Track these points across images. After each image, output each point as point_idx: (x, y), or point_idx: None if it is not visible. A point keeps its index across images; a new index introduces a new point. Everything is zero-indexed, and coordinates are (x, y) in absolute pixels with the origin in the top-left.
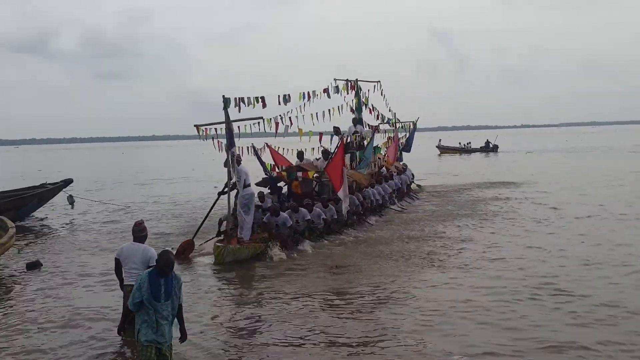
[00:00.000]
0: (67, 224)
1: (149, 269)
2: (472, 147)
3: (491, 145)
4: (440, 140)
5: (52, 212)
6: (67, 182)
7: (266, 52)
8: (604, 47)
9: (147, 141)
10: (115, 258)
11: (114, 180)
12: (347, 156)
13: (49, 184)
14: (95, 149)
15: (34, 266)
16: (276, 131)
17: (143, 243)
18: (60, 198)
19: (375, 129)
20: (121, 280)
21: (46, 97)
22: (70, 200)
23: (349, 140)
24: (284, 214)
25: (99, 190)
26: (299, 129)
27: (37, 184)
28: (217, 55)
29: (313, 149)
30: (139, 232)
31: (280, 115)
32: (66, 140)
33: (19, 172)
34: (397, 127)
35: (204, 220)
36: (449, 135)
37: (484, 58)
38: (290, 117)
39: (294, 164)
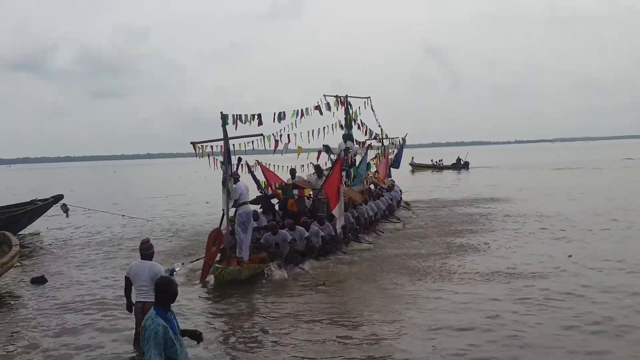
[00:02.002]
0: (65, 237)
1: (152, 311)
2: (443, 164)
3: (462, 162)
4: (412, 157)
5: (49, 225)
6: (58, 198)
7: (262, 68)
8: (597, 63)
9: (141, 159)
10: (125, 276)
11: (103, 199)
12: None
13: (39, 200)
14: (88, 167)
15: (38, 281)
16: (275, 149)
17: (150, 260)
18: (54, 211)
19: (369, 146)
20: (128, 299)
21: (41, 115)
22: (65, 209)
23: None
24: (283, 231)
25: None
26: (298, 147)
27: (28, 200)
28: (213, 73)
29: (302, 166)
30: (146, 250)
31: (280, 133)
32: (60, 158)
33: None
34: (387, 143)
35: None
36: (440, 151)
37: (477, 75)
38: (288, 135)
39: (285, 181)
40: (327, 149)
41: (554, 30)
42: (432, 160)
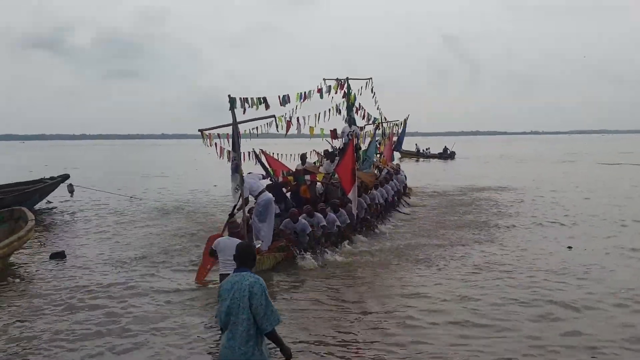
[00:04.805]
0: (77, 214)
1: (248, 273)
2: (430, 152)
3: (449, 152)
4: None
5: (58, 204)
6: (65, 177)
7: (278, 53)
8: (616, 55)
9: (156, 139)
10: (212, 248)
11: (115, 178)
12: None
13: (47, 179)
14: (104, 145)
15: (58, 256)
16: (287, 131)
17: (237, 238)
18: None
19: (377, 126)
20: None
21: (58, 94)
22: (70, 189)
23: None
24: (303, 220)
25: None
26: (310, 127)
27: (36, 178)
28: (229, 57)
29: (310, 152)
30: (234, 229)
31: (290, 115)
32: (75, 136)
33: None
34: (390, 125)
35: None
36: (456, 140)
37: (494, 64)
38: (298, 118)
39: (293, 169)
40: (333, 134)
41: (574, 20)
42: (415, 145)
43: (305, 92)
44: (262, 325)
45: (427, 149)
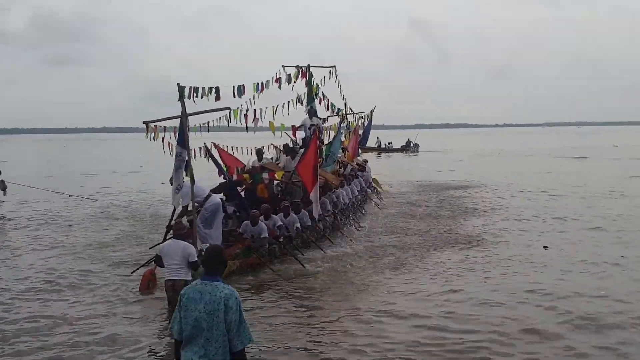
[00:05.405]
0: (10, 216)
1: (221, 283)
2: (392, 146)
3: (412, 145)
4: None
5: None
6: None
7: (235, 39)
8: (592, 45)
9: (96, 133)
10: (157, 255)
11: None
12: None
13: None
14: (37, 140)
15: None
16: (247, 124)
17: (182, 240)
18: None
19: (342, 120)
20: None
21: None
22: (2, 186)
23: (310, 134)
24: (262, 224)
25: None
26: (270, 122)
27: None
28: (182, 42)
29: (263, 147)
30: (179, 230)
31: (246, 107)
32: (7, 130)
33: None
34: (356, 118)
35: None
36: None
37: (466, 53)
38: (255, 110)
39: (250, 164)
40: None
41: (548, 8)
42: (377, 139)
43: (262, 82)
44: (232, 343)
45: (389, 143)
